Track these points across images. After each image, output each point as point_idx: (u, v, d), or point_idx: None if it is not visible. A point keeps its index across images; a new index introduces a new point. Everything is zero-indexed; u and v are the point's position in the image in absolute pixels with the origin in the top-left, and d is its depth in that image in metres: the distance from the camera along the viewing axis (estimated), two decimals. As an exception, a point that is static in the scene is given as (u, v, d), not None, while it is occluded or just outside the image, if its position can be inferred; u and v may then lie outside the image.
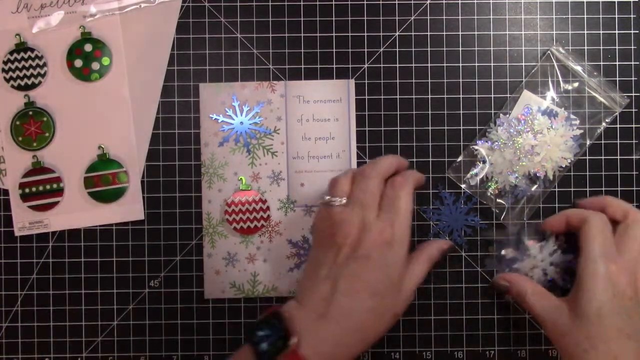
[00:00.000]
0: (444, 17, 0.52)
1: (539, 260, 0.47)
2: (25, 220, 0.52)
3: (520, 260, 0.48)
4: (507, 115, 0.51)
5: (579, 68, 0.51)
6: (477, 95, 0.52)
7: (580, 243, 0.43)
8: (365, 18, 0.52)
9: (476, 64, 0.52)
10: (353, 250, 0.41)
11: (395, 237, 0.41)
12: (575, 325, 0.41)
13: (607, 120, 0.51)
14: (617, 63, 0.52)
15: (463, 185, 0.51)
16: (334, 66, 0.52)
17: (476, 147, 0.51)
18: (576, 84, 0.52)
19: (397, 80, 0.52)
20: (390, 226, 0.41)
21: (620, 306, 0.40)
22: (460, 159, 0.52)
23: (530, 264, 0.48)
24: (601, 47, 0.52)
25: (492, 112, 0.52)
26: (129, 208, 0.52)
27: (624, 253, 0.42)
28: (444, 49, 0.52)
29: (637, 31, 0.52)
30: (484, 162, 0.51)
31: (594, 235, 0.42)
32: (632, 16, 0.52)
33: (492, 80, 0.52)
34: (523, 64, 0.52)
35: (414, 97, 0.52)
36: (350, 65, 0.52)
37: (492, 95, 0.52)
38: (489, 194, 0.51)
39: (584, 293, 0.41)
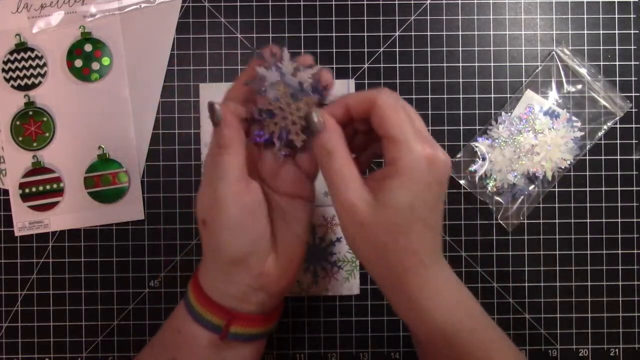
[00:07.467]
0: (444, 17, 0.52)
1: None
2: (25, 220, 0.52)
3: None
4: (509, 114, 0.51)
5: (582, 70, 0.51)
6: (477, 95, 0.52)
7: (378, 128, 0.35)
8: (365, 18, 0.52)
9: (476, 64, 0.52)
10: None
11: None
12: (378, 215, 0.34)
13: (608, 124, 0.51)
14: (617, 63, 0.52)
15: (462, 182, 0.51)
16: (334, 66, 0.52)
17: (476, 144, 0.51)
18: (579, 86, 0.52)
19: (397, 80, 0.52)
20: None
21: (430, 196, 0.34)
22: (460, 155, 0.52)
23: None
24: (601, 47, 0.52)
25: (492, 112, 0.52)
26: (129, 208, 0.52)
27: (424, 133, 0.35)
28: (444, 49, 0.52)
29: (637, 31, 0.52)
30: (484, 159, 0.51)
31: (399, 116, 0.34)
32: (632, 16, 0.52)
33: (492, 80, 0.52)
34: (523, 64, 0.52)
35: (414, 97, 0.52)
36: (350, 65, 0.52)
37: (492, 95, 0.52)
38: (487, 192, 0.51)
39: (398, 183, 0.34)
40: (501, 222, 0.51)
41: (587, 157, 0.52)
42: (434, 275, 0.36)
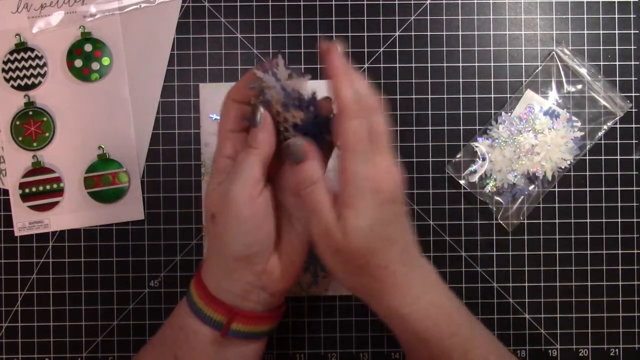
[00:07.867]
0: (444, 17, 0.52)
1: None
2: (25, 220, 0.52)
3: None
4: (509, 114, 0.51)
5: (583, 70, 0.51)
6: (477, 95, 0.52)
7: (337, 132, 0.36)
8: (365, 18, 0.52)
9: (476, 64, 0.52)
10: None
11: None
12: (348, 242, 0.35)
13: (608, 124, 0.51)
14: (617, 63, 0.52)
15: (462, 182, 0.51)
16: (334, 66, 0.52)
17: (476, 144, 0.51)
18: (579, 86, 0.52)
19: (397, 80, 0.52)
20: None
21: (385, 214, 0.36)
22: (460, 155, 0.52)
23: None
24: (601, 47, 0.52)
25: (492, 112, 0.52)
26: (129, 208, 0.52)
27: (377, 149, 0.36)
28: (444, 49, 0.52)
29: (637, 31, 0.52)
30: (484, 159, 0.51)
31: (353, 127, 0.35)
32: (632, 16, 0.52)
33: (492, 80, 0.52)
34: (523, 64, 0.52)
35: (414, 97, 0.52)
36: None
37: (492, 95, 0.52)
38: (487, 192, 0.51)
39: (353, 212, 0.35)
40: (501, 222, 0.51)
41: (587, 157, 0.52)
42: (410, 283, 0.37)
